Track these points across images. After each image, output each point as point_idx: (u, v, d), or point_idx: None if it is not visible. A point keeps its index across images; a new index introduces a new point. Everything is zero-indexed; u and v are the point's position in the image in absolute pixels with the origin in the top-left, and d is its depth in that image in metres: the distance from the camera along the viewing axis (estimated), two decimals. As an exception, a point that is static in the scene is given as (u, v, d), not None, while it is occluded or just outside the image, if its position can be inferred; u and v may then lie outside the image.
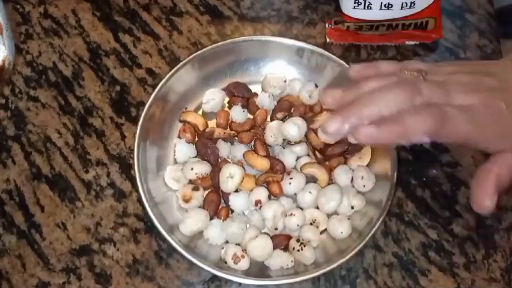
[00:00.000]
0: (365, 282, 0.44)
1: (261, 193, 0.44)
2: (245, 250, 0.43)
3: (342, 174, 0.45)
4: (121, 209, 0.46)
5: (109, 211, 0.46)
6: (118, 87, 0.51)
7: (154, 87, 0.47)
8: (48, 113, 0.50)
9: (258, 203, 0.44)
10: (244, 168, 0.45)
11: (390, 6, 0.48)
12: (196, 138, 0.47)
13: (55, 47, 0.53)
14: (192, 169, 0.44)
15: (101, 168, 0.48)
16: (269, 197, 0.45)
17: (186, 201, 0.44)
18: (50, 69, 0.52)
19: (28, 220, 0.46)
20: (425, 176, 0.48)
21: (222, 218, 0.44)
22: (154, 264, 0.45)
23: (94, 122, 0.49)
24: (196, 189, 0.45)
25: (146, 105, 0.46)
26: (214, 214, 0.45)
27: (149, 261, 0.45)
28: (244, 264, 0.42)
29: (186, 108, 0.49)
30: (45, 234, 0.45)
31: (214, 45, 0.49)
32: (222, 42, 0.49)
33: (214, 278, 0.43)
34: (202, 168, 0.45)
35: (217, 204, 0.45)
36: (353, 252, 0.41)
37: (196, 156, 0.46)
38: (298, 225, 0.43)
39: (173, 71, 0.47)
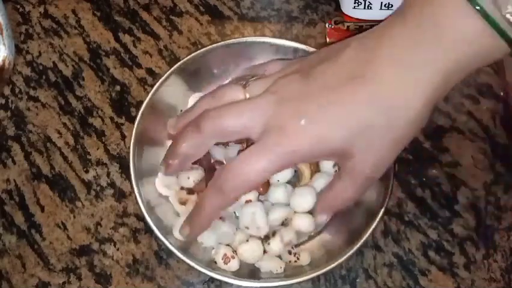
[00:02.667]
0: (365, 282, 0.44)
1: (251, 192, 0.44)
2: (235, 251, 0.43)
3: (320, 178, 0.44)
4: (121, 209, 0.46)
5: (109, 211, 0.46)
6: (118, 87, 0.51)
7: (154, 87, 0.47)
8: (49, 113, 0.50)
9: (248, 202, 0.44)
10: None
11: (390, 6, 0.48)
12: None
13: (55, 47, 0.53)
14: (189, 178, 0.44)
15: (101, 168, 0.48)
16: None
17: (182, 203, 0.44)
18: (50, 69, 0.52)
19: (28, 220, 0.46)
20: (425, 175, 0.48)
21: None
22: (154, 264, 0.45)
23: (94, 122, 0.49)
24: (191, 193, 0.45)
25: (142, 108, 0.45)
26: None
27: (149, 261, 0.45)
28: (234, 264, 0.42)
29: (181, 110, 0.48)
30: (45, 234, 0.45)
31: (211, 46, 0.48)
32: (220, 43, 0.49)
33: (214, 278, 0.43)
34: (197, 175, 0.44)
35: None
36: (351, 252, 0.41)
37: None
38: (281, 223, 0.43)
39: (167, 75, 0.47)
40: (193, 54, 0.47)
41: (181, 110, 0.48)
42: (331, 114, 0.36)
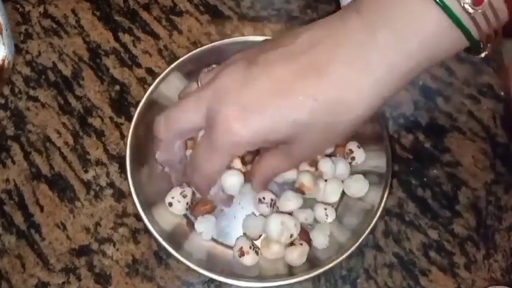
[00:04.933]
0: (365, 283, 0.44)
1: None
2: (253, 247, 0.43)
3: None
4: (120, 209, 0.46)
5: (109, 211, 0.46)
6: (117, 87, 0.51)
7: (154, 87, 0.47)
8: (48, 112, 0.50)
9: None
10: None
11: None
12: None
13: (55, 46, 0.52)
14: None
15: (100, 168, 0.48)
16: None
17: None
18: (50, 69, 0.52)
19: (27, 220, 0.46)
20: (426, 175, 0.48)
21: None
22: (153, 265, 0.44)
23: (94, 122, 0.49)
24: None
25: (139, 107, 0.45)
26: None
27: (148, 261, 0.45)
28: (248, 260, 0.42)
29: None
30: (44, 234, 0.45)
31: (210, 45, 0.48)
32: (219, 42, 0.49)
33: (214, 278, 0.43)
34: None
35: None
36: (350, 251, 0.41)
37: None
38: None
39: (164, 73, 0.46)
40: (191, 53, 0.47)
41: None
42: (275, 106, 0.34)
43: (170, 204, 0.44)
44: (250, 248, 0.42)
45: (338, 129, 0.35)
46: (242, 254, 0.42)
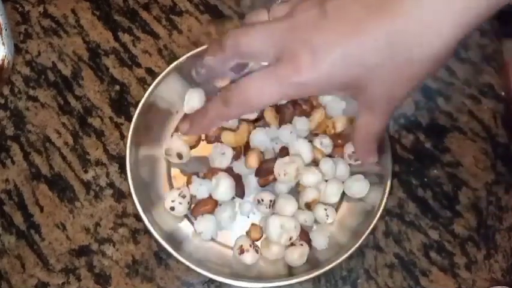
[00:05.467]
0: (365, 283, 0.44)
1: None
2: (253, 245, 0.42)
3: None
4: (120, 209, 0.46)
5: (108, 211, 0.46)
6: (117, 87, 0.51)
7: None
8: (48, 112, 0.50)
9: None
10: None
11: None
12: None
13: (54, 46, 0.52)
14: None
15: (100, 168, 0.48)
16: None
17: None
18: (50, 69, 0.51)
19: (27, 220, 0.46)
20: (426, 176, 0.47)
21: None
22: (153, 265, 0.44)
23: (93, 122, 0.49)
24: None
25: (139, 108, 0.45)
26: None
27: (148, 261, 0.45)
28: (248, 258, 0.42)
29: (177, 111, 0.48)
30: (44, 235, 0.45)
31: (202, 48, 0.48)
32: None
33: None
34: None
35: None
36: (350, 252, 0.41)
37: None
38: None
39: (164, 74, 0.46)
40: (190, 53, 0.47)
41: (177, 111, 0.48)
42: (346, 49, 0.34)
43: (173, 209, 0.44)
44: (250, 246, 0.42)
45: (415, 70, 0.34)
46: (242, 251, 0.42)
